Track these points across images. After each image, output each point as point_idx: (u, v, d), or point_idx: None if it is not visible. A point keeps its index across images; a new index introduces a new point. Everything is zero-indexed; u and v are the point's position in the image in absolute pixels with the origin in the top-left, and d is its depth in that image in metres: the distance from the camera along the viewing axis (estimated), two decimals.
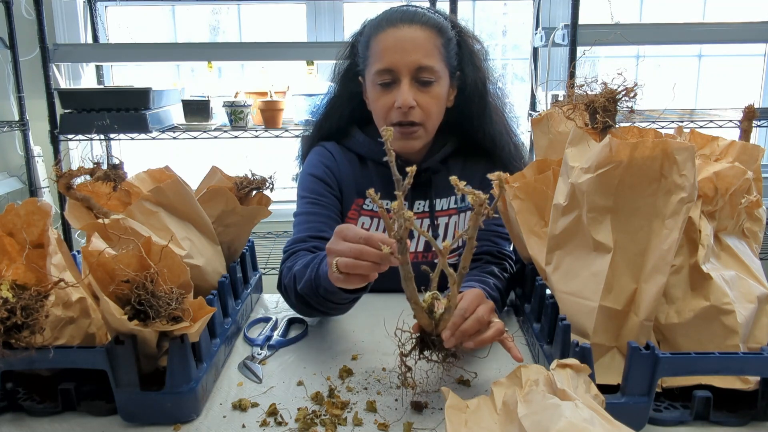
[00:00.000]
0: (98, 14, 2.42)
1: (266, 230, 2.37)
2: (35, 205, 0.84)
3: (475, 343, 0.81)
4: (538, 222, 0.96)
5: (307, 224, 1.18)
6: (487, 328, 0.83)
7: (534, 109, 2.39)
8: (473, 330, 0.80)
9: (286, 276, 1.06)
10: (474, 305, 0.82)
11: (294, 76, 2.42)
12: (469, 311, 0.81)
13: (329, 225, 1.18)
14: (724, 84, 2.69)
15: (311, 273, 0.96)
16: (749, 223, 0.87)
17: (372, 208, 1.24)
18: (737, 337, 0.76)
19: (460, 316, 0.80)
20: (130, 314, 0.72)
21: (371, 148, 1.23)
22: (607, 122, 0.81)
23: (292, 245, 1.14)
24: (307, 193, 1.22)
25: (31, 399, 0.79)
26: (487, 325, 0.83)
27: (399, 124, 1.14)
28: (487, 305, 0.84)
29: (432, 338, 0.80)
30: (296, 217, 1.21)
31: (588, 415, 0.59)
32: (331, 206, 1.22)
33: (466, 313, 0.81)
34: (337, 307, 0.99)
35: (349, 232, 0.82)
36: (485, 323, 0.82)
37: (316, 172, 1.24)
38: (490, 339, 0.83)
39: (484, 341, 0.82)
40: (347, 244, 0.81)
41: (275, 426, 0.77)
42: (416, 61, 1.10)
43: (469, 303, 0.82)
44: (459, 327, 0.79)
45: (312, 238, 1.15)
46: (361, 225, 1.24)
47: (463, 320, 0.80)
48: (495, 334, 0.83)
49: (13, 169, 2.41)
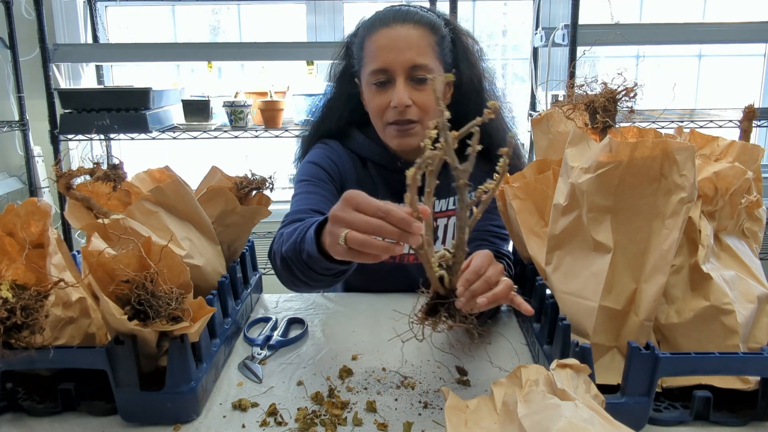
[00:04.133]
0: (98, 14, 2.42)
1: (266, 230, 2.37)
2: (35, 205, 0.84)
3: (488, 299, 0.78)
4: (538, 222, 0.96)
5: (308, 200, 1.14)
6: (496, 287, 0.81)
7: (534, 109, 2.39)
8: (482, 290, 0.79)
9: (277, 241, 1.01)
10: (486, 265, 0.81)
11: (294, 76, 2.42)
12: (482, 269, 0.80)
13: (329, 207, 1.15)
14: (724, 84, 2.69)
15: (297, 236, 0.92)
16: (749, 223, 0.87)
17: None
18: (737, 337, 0.76)
19: (474, 273, 0.78)
20: (130, 314, 0.72)
21: (371, 149, 1.23)
22: (607, 122, 0.81)
23: (291, 215, 1.10)
24: (308, 177, 1.19)
25: (31, 399, 0.79)
26: (495, 285, 0.81)
27: (395, 122, 1.14)
28: (497, 266, 0.83)
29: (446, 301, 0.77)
30: (294, 198, 1.17)
31: (588, 415, 0.59)
32: (332, 194, 1.18)
33: (480, 270, 0.79)
34: (319, 278, 0.93)
35: (364, 202, 0.72)
36: (494, 284, 0.81)
37: (319, 161, 1.22)
38: (502, 294, 0.80)
39: (497, 296, 0.79)
40: (361, 217, 0.71)
41: (275, 426, 0.77)
42: (410, 59, 1.10)
43: (481, 262, 0.81)
44: (471, 284, 0.78)
45: (313, 211, 1.11)
46: None
47: (477, 277, 0.78)
48: (506, 289, 0.81)
49: (13, 169, 2.41)
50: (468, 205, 0.72)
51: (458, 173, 0.69)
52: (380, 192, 1.24)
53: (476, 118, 0.67)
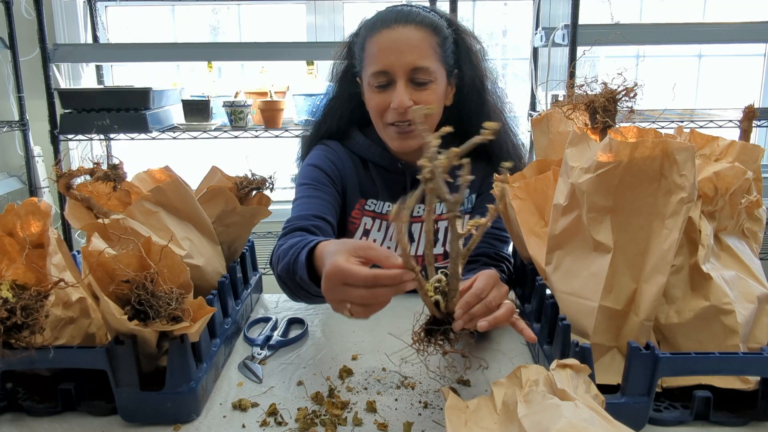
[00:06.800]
0: (98, 14, 2.42)
1: (266, 230, 2.37)
2: (35, 205, 0.83)
3: (489, 323, 0.76)
4: (538, 222, 0.96)
5: (309, 205, 1.14)
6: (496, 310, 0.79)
7: (534, 109, 2.39)
8: (481, 314, 0.76)
9: (275, 253, 1.02)
10: (488, 288, 0.79)
11: (294, 76, 2.42)
12: (484, 292, 0.78)
13: (331, 212, 1.15)
14: (724, 84, 2.69)
15: (291, 257, 0.92)
16: (749, 223, 0.87)
17: (374, 210, 1.23)
18: (737, 337, 0.76)
19: (475, 296, 0.77)
20: (130, 314, 0.72)
21: (372, 150, 1.23)
22: (607, 122, 0.81)
23: (292, 221, 1.09)
24: (309, 181, 1.19)
25: (31, 399, 0.79)
26: (496, 308, 0.79)
27: (395, 123, 1.14)
28: (500, 289, 0.81)
29: (442, 326, 0.76)
30: (295, 202, 1.17)
31: (588, 415, 0.59)
32: (333, 197, 1.19)
33: (482, 294, 0.77)
34: (316, 299, 0.96)
35: (350, 277, 0.71)
36: (494, 308, 0.78)
37: (320, 163, 1.22)
38: (503, 318, 0.78)
39: (498, 320, 0.77)
40: (356, 291, 0.71)
41: (275, 426, 0.77)
42: (411, 62, 1.10)
43: (483, 285, 0.79)
44: (471, 307, 0.76)
45: (314, 216, 1.11)
46: (364, 225, 1.23)
47: (477, 300, 0.76)
48: (507, 313, 0.78)
49: (13, 169, 2.41)
50: (460, 236, 0.70)
51: (449, 205, 0.67)
52: (381, 193, 1.24)
53: (474, 137, 0.65)
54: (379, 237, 1.24)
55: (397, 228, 0.67)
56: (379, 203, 1.24)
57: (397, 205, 0.66)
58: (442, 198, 0.66)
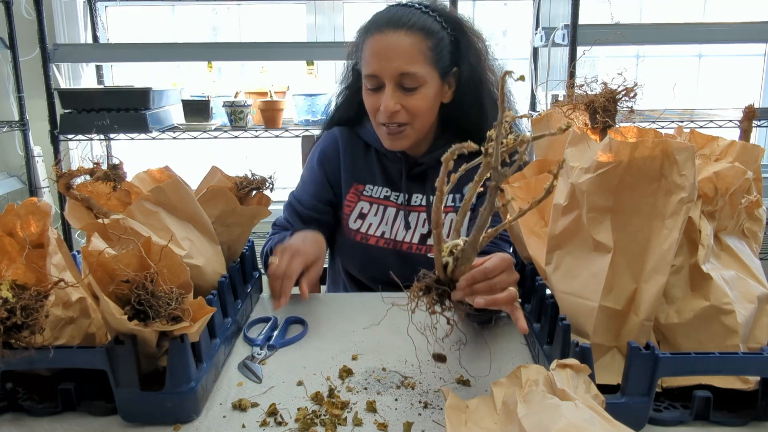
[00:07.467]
0: (98, 14, 2.42)
1: (266, 230, 2.36)
2: (35, 205, 0.83)
3: (486, 301, 0.77)
4: (538, 222, 0.96)
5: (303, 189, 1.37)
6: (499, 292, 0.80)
7: (534, 109, 2.39)
8: (483, 292, 0.77)
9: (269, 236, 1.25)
10: (498, 270, 0.80)
11: (294, 76, 2.42)
12: (493, 272, 0.79)
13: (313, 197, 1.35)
14: (724, 84, 2.69)
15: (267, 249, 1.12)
16: (749, 223, 0.87)
17: (371, 194, 1.30)
18: (737, 337, 0.76)
19: (482, 273, 0.77)
20: (130, 314, 0.71)
21: (376, 138, 1.28)
22: (607, 122, 0.81)
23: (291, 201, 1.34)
24: (306, 171, 1.40)
25: (31, 399, 0.79)
26: (500, 291, 0.80)
27: (386, 124, 1.19)
28: (511, 276, 0.82)
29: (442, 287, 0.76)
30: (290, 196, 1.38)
31: (588, 415, 0.59)
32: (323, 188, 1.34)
33: (490, 274, 0.78)
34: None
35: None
36: (498, 291, 0.79)
37: (313, 158, 1.37)
38: (502, 301, 0.79)
39: (496, 302, 0.78)
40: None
41: (275, 426, 0.77)
42: (399, 68, 1.13)
43: (494, 266, 0.79)
44: (475, 282, 0.76)
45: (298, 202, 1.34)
46: (360, 209, 1.30)
47: (484, 278, 0.77)
48: (507, 298, 0.79)
49: (13, 169, 2.41)
50: (495, 209, 0.70)
51: (495, 176, 0.67)
52: (378, 179, 1.31)
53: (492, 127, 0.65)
54: (375, 221, 1.30)
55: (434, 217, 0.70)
56: (377, 188, 1.31)
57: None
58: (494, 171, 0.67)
